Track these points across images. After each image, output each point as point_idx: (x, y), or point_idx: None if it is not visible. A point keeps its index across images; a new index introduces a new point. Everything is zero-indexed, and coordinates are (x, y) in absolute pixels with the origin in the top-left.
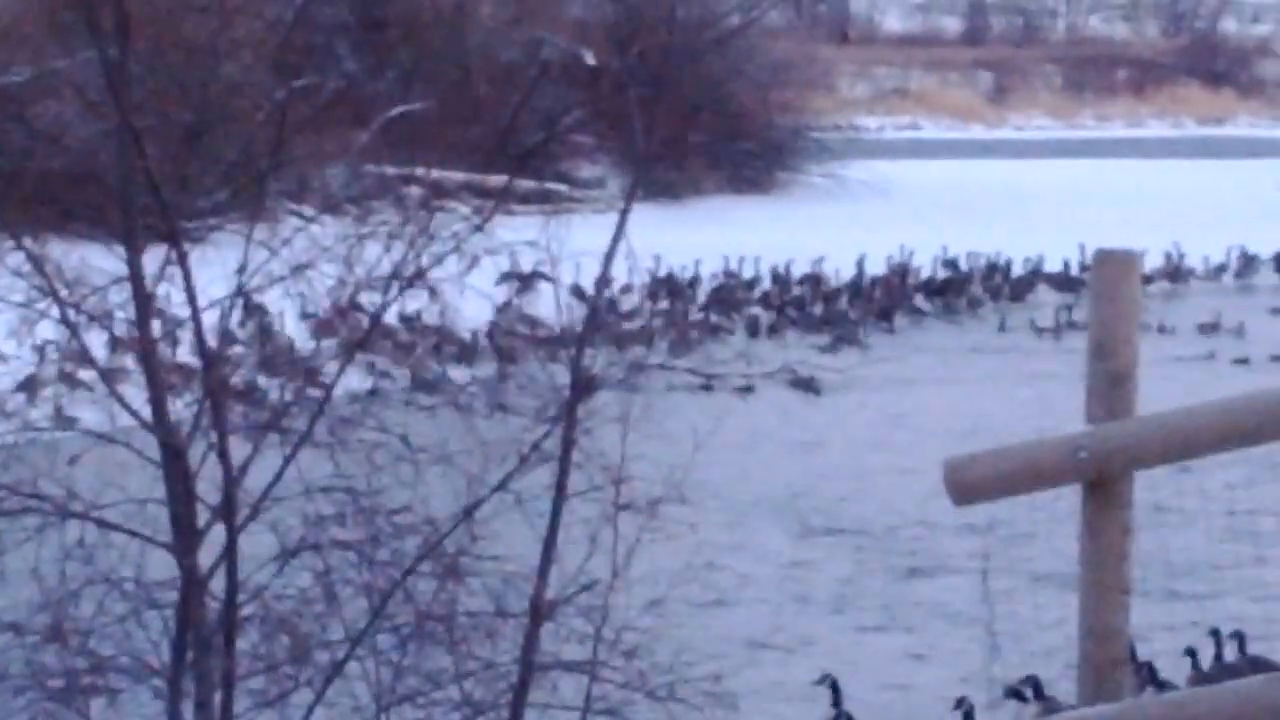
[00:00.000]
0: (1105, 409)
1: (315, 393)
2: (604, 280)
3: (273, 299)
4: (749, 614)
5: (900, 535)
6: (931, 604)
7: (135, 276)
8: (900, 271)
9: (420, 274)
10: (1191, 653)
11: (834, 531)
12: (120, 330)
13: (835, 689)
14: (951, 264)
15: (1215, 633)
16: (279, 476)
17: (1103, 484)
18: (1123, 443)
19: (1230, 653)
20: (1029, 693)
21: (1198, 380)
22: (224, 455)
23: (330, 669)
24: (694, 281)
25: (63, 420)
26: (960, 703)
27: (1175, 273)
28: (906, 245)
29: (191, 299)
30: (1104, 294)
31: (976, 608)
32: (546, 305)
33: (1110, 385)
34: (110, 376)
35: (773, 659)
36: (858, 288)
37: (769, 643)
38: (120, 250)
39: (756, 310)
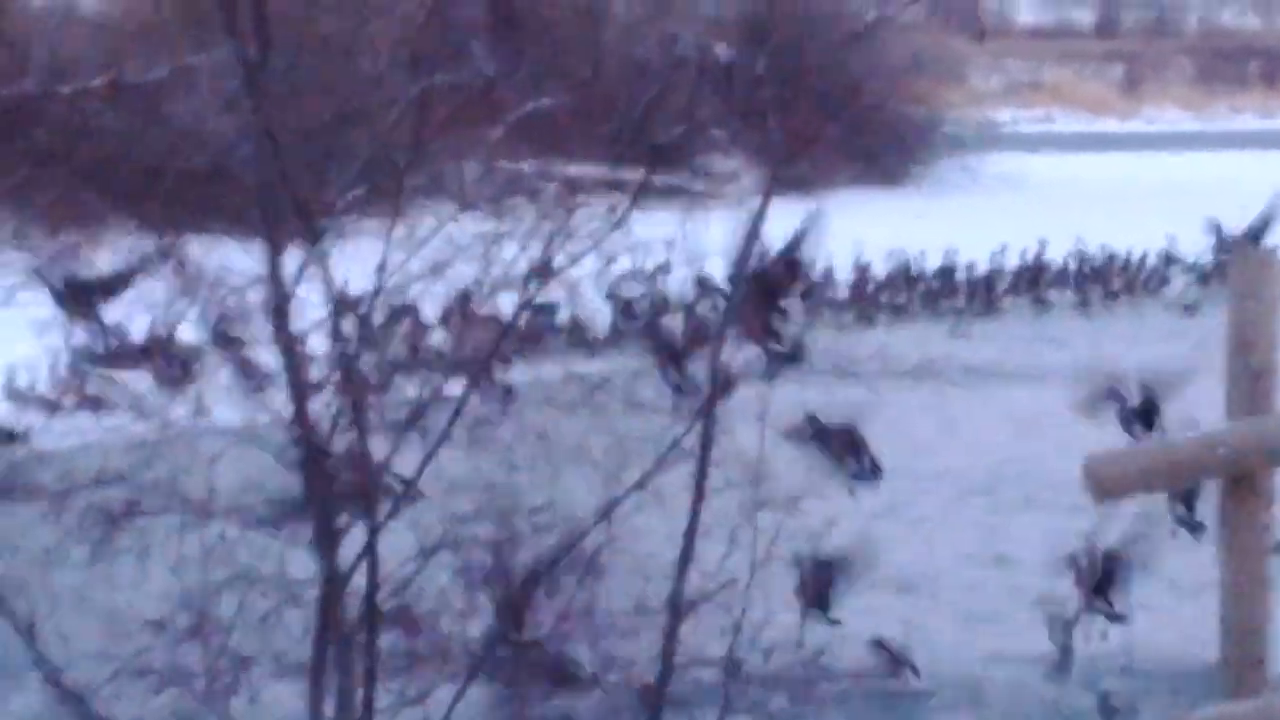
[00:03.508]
0: (1245, 405)
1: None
2: (742, 275)
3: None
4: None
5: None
6: None
7: (275, 275)
8: (1036, 264)
9: (557, 270)
10: None
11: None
12: (260, 330)
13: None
14: (1085, 256)
15: None
16: (419, 474)
17: (1242, 480)
18: (1263, 439)
19: None
20: None
21: None
22: (364, 453)
23: (470, 666)
24: (829, 274)
25: (203, 418)
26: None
27: None
28: (1041, 238)
29: (331, 297)
30: (1244, 290)
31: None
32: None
33: (1250, 381)
34: (251, 375)
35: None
36: (989, 280)
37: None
38: (259, 249)
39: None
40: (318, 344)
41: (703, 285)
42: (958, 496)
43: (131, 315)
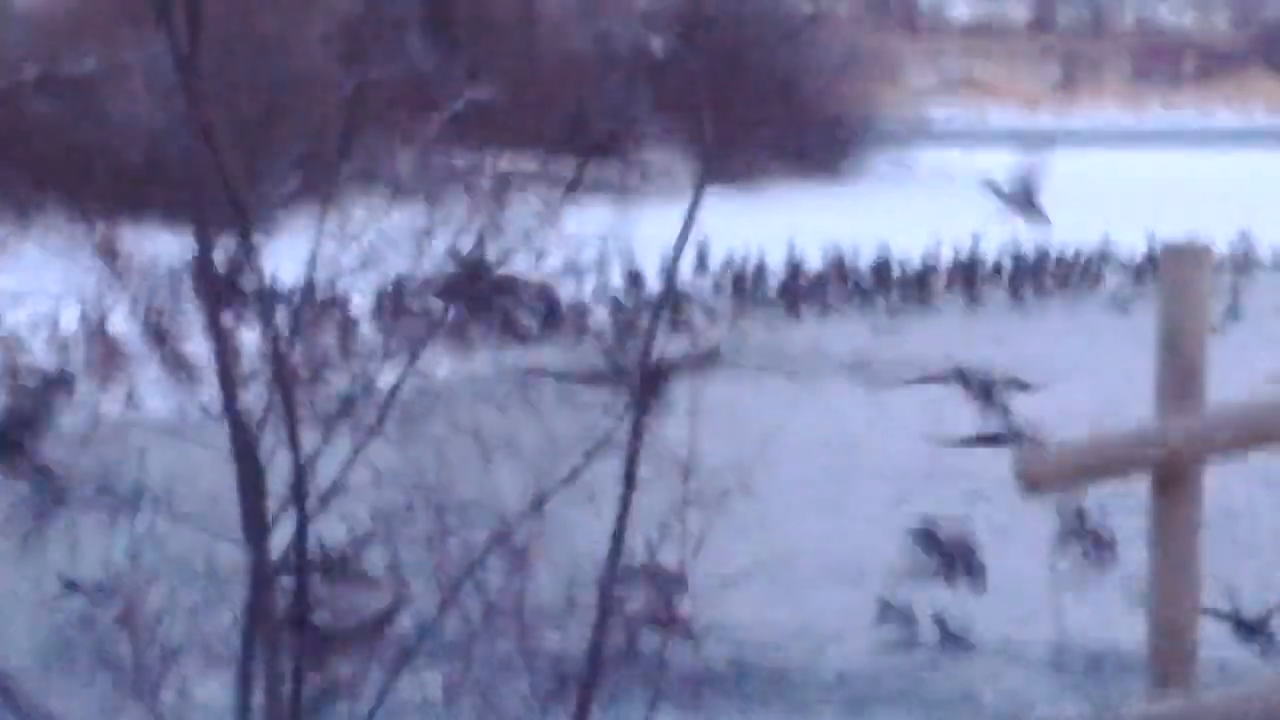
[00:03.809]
0: (1174, 401)
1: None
2: (675, 269)
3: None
4: (823, 601)
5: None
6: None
7: (207, 267)
8: (969, 260)
9: (487, 266)
10: None
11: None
12: (191, 320)
13: None
14: (1019, 252)
15: None
16: (348, 467)
17: (1172, 476)
18: (1192, 434)
19: None
20: None
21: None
22: (295, 446)
23: (399, 660)
24: (761, 268)
25: (133, 409)
26: None
27: (1242, 263)
28: (975, 233)
29: (262, 288)
30: (1174, 287)
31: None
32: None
33: (1179, 377)
34: (181, 366)
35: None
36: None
37: (831, 632)
38: (191, 240)
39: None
40: (250, 336)
41: (633, 280)
42: (889, 493)
43: (62, 305)
